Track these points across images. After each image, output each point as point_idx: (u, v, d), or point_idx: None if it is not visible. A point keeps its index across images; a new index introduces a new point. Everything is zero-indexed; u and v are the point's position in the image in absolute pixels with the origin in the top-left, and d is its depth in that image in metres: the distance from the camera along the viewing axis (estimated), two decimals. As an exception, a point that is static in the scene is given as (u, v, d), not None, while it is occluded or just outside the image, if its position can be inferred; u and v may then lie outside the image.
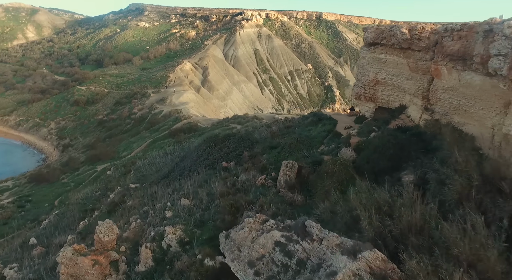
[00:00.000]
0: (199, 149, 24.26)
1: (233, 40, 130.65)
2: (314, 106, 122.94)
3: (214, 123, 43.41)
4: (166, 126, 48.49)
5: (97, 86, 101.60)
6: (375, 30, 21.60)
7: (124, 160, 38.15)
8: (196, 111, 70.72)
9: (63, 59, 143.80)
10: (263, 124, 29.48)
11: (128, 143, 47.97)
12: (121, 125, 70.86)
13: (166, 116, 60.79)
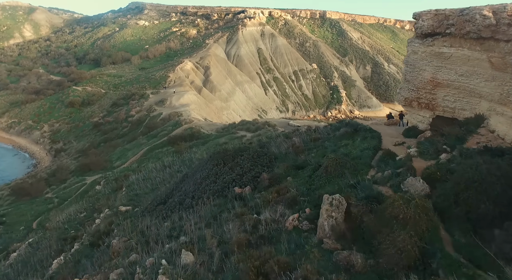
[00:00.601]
0: (204, 167, 19.30)
1: (236, 39, 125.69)
2: (319, 107, 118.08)
3: (218, 129, 38.48)
4: (165, 131, 43.62)
5: (94, 87, 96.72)
6: (434, 16, 16.40)
7: (116, 172, 33.27)
8: (198, 113, 65.78)
9: (60, 59, 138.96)
10: (280, 134, 24.58)
11: (122, 151, 43.13)
12: (117, 128, 65.90)
13: (165, 119, 55.85)
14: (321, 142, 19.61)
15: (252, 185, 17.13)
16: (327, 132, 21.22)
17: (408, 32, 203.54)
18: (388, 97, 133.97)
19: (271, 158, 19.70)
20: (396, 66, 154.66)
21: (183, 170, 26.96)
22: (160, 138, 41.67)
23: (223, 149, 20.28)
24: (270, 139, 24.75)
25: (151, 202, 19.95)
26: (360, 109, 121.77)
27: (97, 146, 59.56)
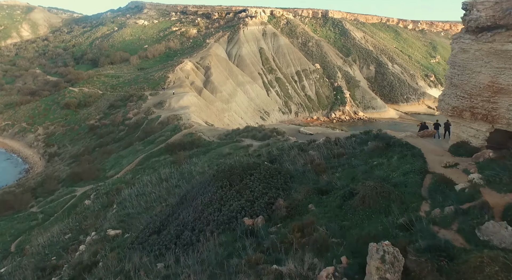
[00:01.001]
0: (206, 190, 16.02)
1: (237, 38, 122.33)
2: (323, 108, 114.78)
3: (221, 135, 35.20)
4: (163, 137, 40.38)
5: (91, 87, 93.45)
6: (495, 4, 13.00)
7: (109, 184, 30.02)
8: (198, 116, 62.52)
9: (57, 59, 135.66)
10: (293, 145, 21.27)
11: (117, 158, 39.92)
12: (113, 132, 62.66)
13: (164, 123, 52.56)
14: (346, 159, 16.29)
15: (265, 215, 13.85)
16: (351, 145, 17.91)
17: (411, 31, 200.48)
18: (393, 98, 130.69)
19: (287, 177, 16.42)
20: (400, 66, 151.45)
21: (182, 185, 23.72)
22: (157, 145, 38.44)
23: (229, 167, 16.98)
24: (281, 151, 21.46)
25: (143, 230, 16.67)
26: (365, 110, 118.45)
27: (92, 151, 56.34)
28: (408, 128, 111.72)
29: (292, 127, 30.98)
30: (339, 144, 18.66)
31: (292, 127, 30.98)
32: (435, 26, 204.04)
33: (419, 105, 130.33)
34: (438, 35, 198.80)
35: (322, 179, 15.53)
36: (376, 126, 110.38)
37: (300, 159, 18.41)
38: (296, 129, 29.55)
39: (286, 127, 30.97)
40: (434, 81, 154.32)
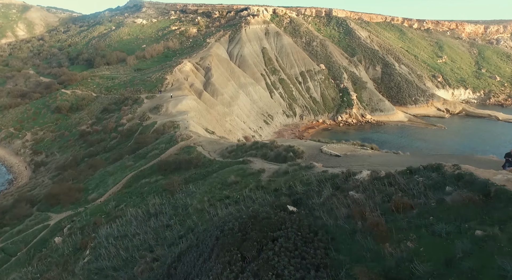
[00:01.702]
0: (206, 269, 10.33)
1: (238, 38, 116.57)
2: (328, 111, 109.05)
3: (223, 151, 29.45)
4: (156, 150, 34.74)
5: (84, 90, 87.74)
6: None
7: (87, 214, 24.39)
8: (197, 122, 56.80)
9: (52, 59, 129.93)
10: (322, 177, 15.59)
11: (103, 175, 34.32)
12: (105, 140, 56.99)
13: (159, 131, 46.88)
14: (417, 216, 10.59)
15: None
16: (416, 188, 12.20)
17: (417, 31, 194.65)
18: (401, 100, 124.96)
19: (326, 243, 10.69)
20: (407, 66, 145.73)
21: (173, 224, 18.11)
22: (149, 160, 32.83)
23: (240, 224, 11.31)
24: (307, 186, 15.77)
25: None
26: (372, 113, 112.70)
27: (80, 161, 50.65)
28: (419, 132, 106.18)
29: (311, 145, 25.18)
30: (396, 184, 12.90)
31: (311, 145, 25.18)
32: (441, 25, 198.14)
33: (428, 107, 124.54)
34: (444, 35, 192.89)
35: (385, 251, 9.74)
36: (385, 129, 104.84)
37: (340, 206, 12.60)
38: (316, 147, 23.79)
39: (304, 145, 25.17)
40: (442, 82, 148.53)
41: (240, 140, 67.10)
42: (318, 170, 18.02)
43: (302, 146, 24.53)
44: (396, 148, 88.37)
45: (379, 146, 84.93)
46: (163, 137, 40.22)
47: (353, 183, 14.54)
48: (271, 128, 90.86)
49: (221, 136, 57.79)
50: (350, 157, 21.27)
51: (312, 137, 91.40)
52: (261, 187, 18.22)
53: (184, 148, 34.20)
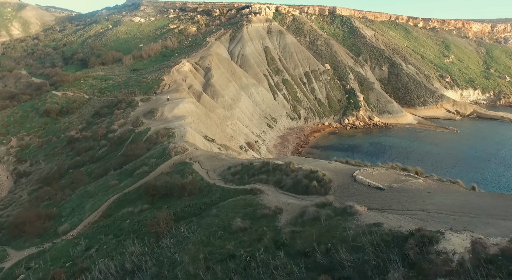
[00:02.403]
0: None
1: (240, 36, 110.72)
2: (335, 113, 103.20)
3: (226, 173, 23.65)
4: (145, 167, 28.94)
5: (76, 91, 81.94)
6: None
7: (49, 258, 18.72)
8: (196, 128, 51.00)
9: (46, 58, 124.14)
10: (373, 229, 9.89)
11: (81, 196, 28.59)
12: (93, 148, 51.21)
13: (151, 140, 41.07)
14: None
15: None
16: None
17: (422, 30, 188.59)
18: (409, 101, 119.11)
19: None
20: (414, 66, 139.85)
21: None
22: (136, 179, 27.17)
23: None
24: (356, 252, 9.95)
25: None
26: (380, 115, 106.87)
27: (64, 173, 44.94)
28: (431, 135, 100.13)
29: (339, 168, 19.34)
30: None
31: (339, 168, 19.34)
32: (447, 24, 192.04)
33: (437, 109, 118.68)
34: (450, 34, 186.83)
35: None
36: (394, 133, 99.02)
37: None
38: (347, 173, 18.03)
39: (330, 168, 19.33)
40: (450, 83, 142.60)
41: (243, 147, 61.35)
42: (364, 219, 12.22)
43: (327, 171, 18.72)
44: (407, 153, 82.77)
45: (389, 151, 78.92)
46: (155, 149, 34.43)
47: (441, 261, 8.53)
48: (274, 132, 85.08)
49: (222, 144, 52.01)
50: (398, 191, 15.43)
51: (318, 141, 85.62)
52: (282, 244, 12.43)
53: (178, 164, 28.43)
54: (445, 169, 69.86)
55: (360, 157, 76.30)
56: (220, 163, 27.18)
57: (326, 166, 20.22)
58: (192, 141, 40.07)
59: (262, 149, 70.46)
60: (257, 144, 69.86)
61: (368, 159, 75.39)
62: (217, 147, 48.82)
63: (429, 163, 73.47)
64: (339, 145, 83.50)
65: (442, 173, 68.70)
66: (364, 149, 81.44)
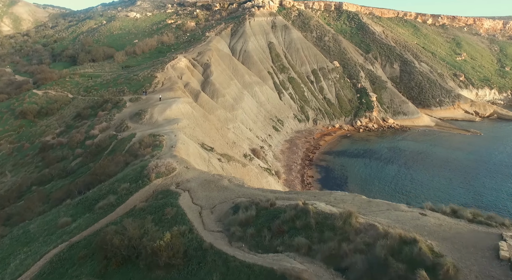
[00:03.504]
0: None
1: (242, 31, 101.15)
2: (345, 115, 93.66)
3: (229, 217, 14.31)
4: (113, 195, 19.40)
5: (60, 90, 72.44)
6: None
7: None
8: (191, 133, 41.51)
9: (33, 55, 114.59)
10: None
11: (16, 240, 19.18)
12: (67, 158, 41.75)
13: (133, 152, 31.57)
14: None
15: None
16: None
17: (431, 27, 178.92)
18: (423, 101, 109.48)
19: None
20: (426, 64, 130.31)
21: None
22: (96, 218, 17.75)
23: None
24: None
25: None
26: (394, 116, 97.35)
27: (26, 190, 35.53)
28: (453, 139, 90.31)
29: (452, 230, 9.83)
30: None
31: (452, 230, 9.83)
32: (457, 20, 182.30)
33: (454, 109, 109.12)
34: (461, 31, 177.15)
35: None
36: (411, 136, 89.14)
37: None
38: (476, 243, 8.44)
39: (433, 230, 9.87)
40: (464, 82, 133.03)
41: (247, 155, 51.83)
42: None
43: (434, 239, 9.27)
44: (430, 159, 72.37)
45: (409, 157, 69.01)
46: (132, 167, 24.94)
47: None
48: (281, 136, 75.56)
49: (222, 154, 42.46)
50: None
51: (330, 146, 76.12)
52: None
53: (158, 194, 19.00)
54: (481, 179, 60.46)
55: (379, 164, 66.93)
56: (221, 194, 17.69)
57: (421, 222, 10.70)
58: (184, 153, 30.57)
59: (268, 156, 61.00)
60: (263, 150, 60.40)
61: (389, 167, 66.17)
62: (217, 157, 39.35)
63: (460, 171, 64.01)
64: (354, 150, 73.96)
65: (480, 184, 59.44)
66: (382, 155, 71.94)
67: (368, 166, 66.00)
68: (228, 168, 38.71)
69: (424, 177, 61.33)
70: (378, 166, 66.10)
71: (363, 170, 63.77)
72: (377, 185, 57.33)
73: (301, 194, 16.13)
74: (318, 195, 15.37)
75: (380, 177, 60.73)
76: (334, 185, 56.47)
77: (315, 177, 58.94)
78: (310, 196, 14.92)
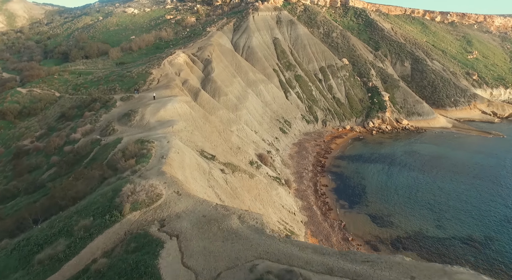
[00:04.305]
0: None
1: (245, 26, 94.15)
2: (356, 115, 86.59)
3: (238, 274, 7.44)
4: (63, 240, 12.86)
5: (46, 88, 65.51)
6: None
7: None
8: (188, 139, 34.52)
9: (25, 52, 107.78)
10: None
11: None
12: (40, 167, 34.91)
13: (114, 161, 24.79)
14: None
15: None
16: None
17: (440, 24, 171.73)
18: (437, 101, 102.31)
19: None
20: (438, 62, 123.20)
21: None
22: (32, 278, 11.00)
23: None
24: None
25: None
26: (408, 117, 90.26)
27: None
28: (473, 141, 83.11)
29: None
30: None
31: None
32: (467, 18, 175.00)
33: (470, 110, 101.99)
34: (471, 28, 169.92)
35: None
36: (428, 138, 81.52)
37: None
38: None
39: None
40: (477, 81, 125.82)
41: (254, 162, 44.77)
42: None
43: None
44: (453, 165, 63.92)
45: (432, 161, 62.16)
46: (103, 190, 17.99)
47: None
48: (289, 139, 68.54)
49: (226, 163, 35.43)
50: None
51: (342, 150, 69.06)
52: None
53: (130, 241, 12.14)
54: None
55: (397, 170, 59.85)
56: (228, 248, 10.75)
57: None
58: (178, 165, 23.65)
59: (276, 162, 53.99)
60: (270, 155, 53.38)
61: (408, 174, 59.01)
62: (220, 167, 32.39)
63: (487, 179, 56.96)
64: (369, 155, 66.90)
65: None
66: (400, 160, 64.88)
67: (385, 173, 58.94)
68: (233, 181, 31.74)
69: (449, 186, 54.23)
70: (397, 172, 59.03)
71: (381, 178, 56.71)
72: (398, 196, 50.23)
73: (379, 262, 9.10)
74: (416, 271, 8.35)
75: (400, 186, 53.67)
76: (351, 196, 49.44)
77: (329, 186, 51.91)
78: (401, 275, 7.93)
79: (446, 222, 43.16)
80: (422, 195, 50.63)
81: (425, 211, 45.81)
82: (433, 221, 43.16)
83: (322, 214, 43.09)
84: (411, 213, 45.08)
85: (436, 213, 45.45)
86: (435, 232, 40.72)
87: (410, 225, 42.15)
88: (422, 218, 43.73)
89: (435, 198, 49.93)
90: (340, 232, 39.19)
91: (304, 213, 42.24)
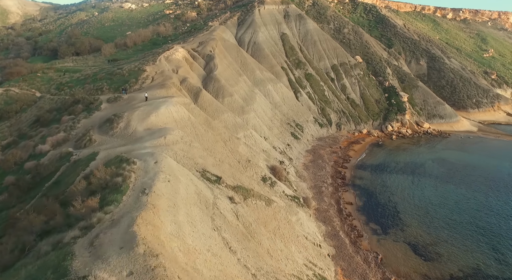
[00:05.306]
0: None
1: (251, 20, 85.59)
2: (373, 118, 77.90)
3: None
4: None
5: (26, 87, 56.96)
6: None
7: None
8: (185, 154, 25.95)
9: (13, 49, 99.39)
10: None
11: None
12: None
13: (73, 194, 16.54)
14: None
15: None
16: None
17: (452, 21, 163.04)
18: (458, 102, 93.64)
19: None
20: (456, 60, 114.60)
21: None
22: None
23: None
24: None
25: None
26: (429, 120, 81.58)
27: None
28: (508, 147, 74.21)
29: None
30: None
31: None
32: (480, 15, 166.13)
33: (494, 111, 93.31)
34: (484, 25, 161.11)
35: None
36: (454, 144, 72.37)
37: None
38: None
39: None
40: (497, 80, 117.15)
41: (267, 177, 36.06)
42: None
43: None
44: (497, 178, 46.49)
45: (467, 171, 52.78)
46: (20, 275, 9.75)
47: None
48: (302, 145, 59.95)
49: (235, 186, 26.82)
50: None
51: (363, 159, 60.39)
52: None
53: None
54: None
55: (430, 183, 51.09)
56: None
57: None
58: (167, 203, 15.14)
59: (291, 174, 45.42)
60: (284, 167, 44.85)
61: (445, 188, 50.20)
62: (228, 195, 23.88)
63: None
64: (393, 163, 58.28)
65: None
66: (430, 170, 56.23)
67: (416, 186, 50.30)
68: (246, 214, 23.19)
69: (495, 203, 45.57)
70: (430, 186, 50.38)
71: (413, 192, 48.07)
72: (439, 217, 41.50)
73: None
74: None
75: (437, 203, 45.01)
76: (382, 218, 40.80)
77: (354, 205, 43.30)
78: None
79: (508, 252, 34.52)
80: (467, 215, 41.99)
81: (478, 237, 37.15)
82: (490, 252, 34.53)
83: (352, 243, 34.50)
84: (461, 241, 36.44)
85: (491, 239, 36.82)
86: (498, 269, 32.08)
87: (463, 259, 33.52)
88: (476, 248, 35.09)
89: (484, 219, 41.32)
90: (379, 270, 30.60)
91: (330, 243, 33.66)
